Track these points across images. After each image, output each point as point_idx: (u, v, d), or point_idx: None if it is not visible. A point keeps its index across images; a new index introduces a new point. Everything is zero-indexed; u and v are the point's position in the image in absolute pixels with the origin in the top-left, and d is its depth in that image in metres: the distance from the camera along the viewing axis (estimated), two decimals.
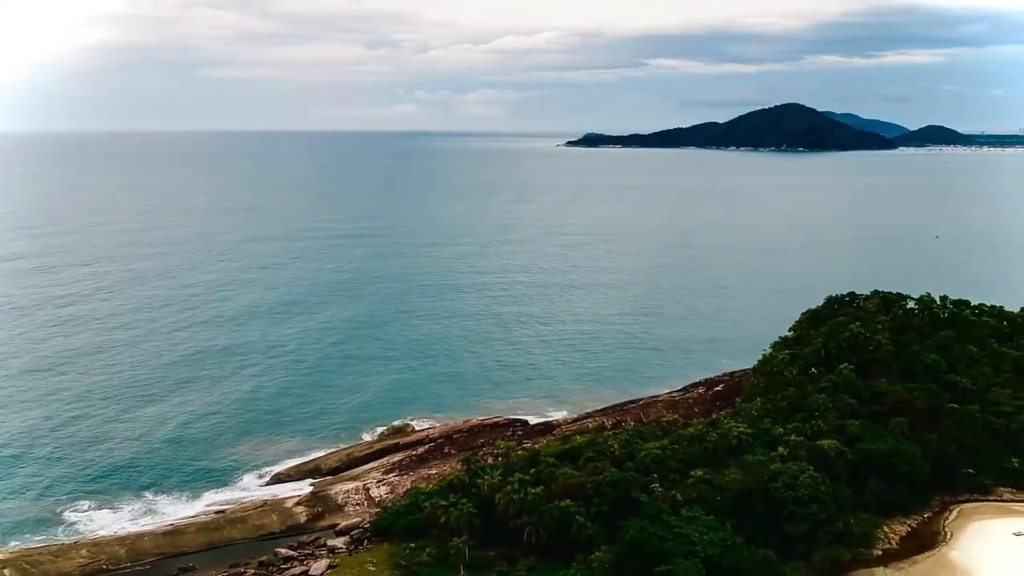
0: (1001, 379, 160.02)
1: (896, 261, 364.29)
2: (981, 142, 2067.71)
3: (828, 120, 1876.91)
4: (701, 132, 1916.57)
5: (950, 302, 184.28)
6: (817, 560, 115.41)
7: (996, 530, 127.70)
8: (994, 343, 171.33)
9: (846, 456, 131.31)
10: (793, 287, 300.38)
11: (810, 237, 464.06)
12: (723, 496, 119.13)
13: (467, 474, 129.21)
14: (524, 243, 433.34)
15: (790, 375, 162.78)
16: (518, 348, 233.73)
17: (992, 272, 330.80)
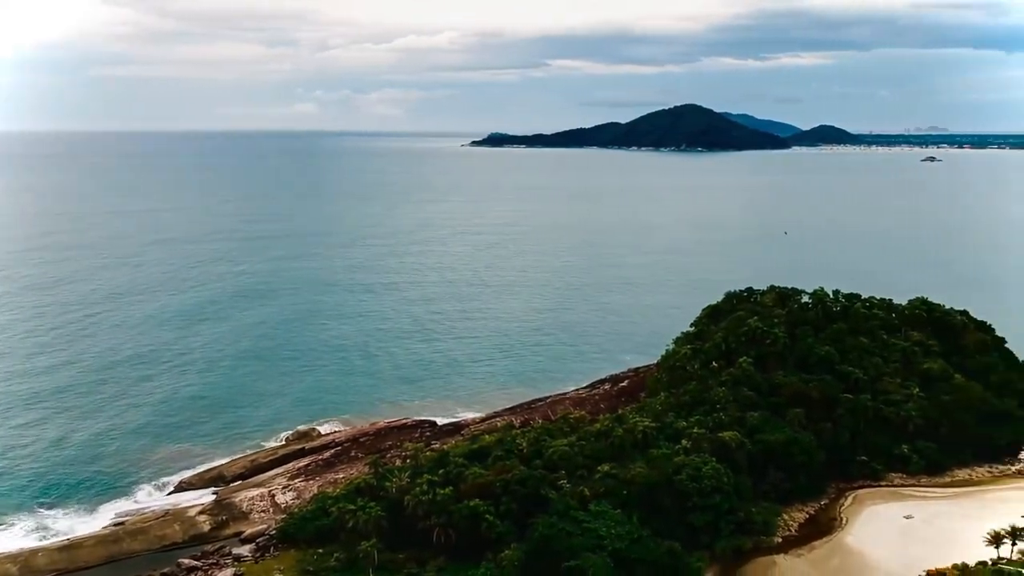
0: (890, 369, 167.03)
1: (790, 256, 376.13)
2: (870, 141, 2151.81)
3: (725, 121, 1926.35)
4: (603, 132, 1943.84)
5: (842, 296, 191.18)
6: (720, 549, 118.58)
7: (888, 514, 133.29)
8: (883, 334, 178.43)
9: (746, 447, 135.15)
10: (695, 283, 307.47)
11: (711, 234, 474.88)
12: (630, 490, 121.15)
13: (375, 477, 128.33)
14: (435, 243, 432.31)
15: (692, 369, 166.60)
16: (426, 349, 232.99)
17: (879, 266, 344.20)
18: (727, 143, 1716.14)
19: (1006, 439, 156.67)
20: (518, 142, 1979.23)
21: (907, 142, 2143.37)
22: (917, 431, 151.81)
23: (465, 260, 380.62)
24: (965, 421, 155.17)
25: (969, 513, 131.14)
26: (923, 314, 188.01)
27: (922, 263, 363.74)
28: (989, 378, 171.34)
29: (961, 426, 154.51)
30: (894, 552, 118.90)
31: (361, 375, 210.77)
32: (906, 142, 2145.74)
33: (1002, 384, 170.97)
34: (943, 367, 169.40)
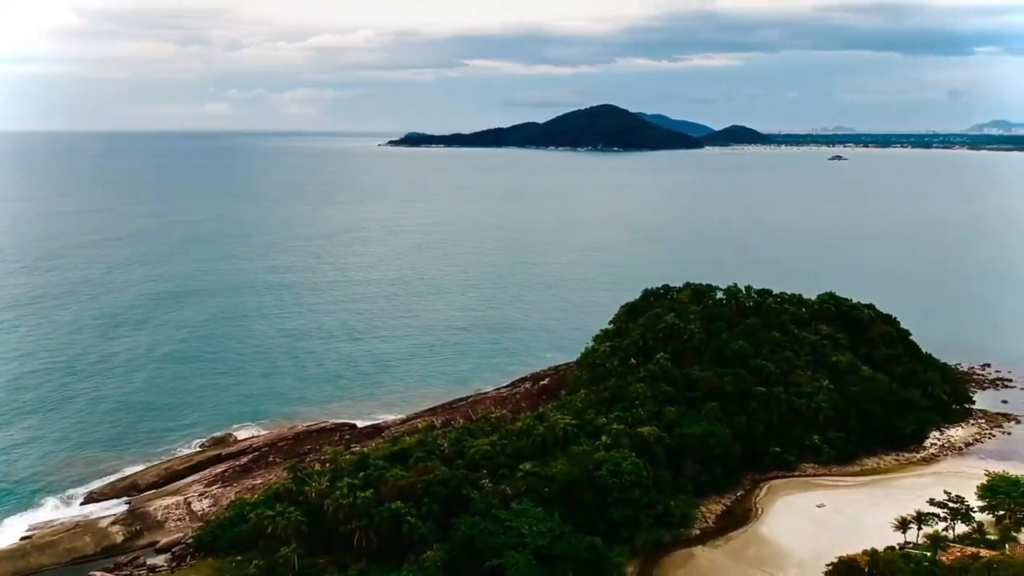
0: (801, 362, 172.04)
1: (705, 253, 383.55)
2: (779, 141, 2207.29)
3: (640, 121, 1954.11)
4: (521, 132, 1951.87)
5: (755, 291, 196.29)
6: (640, 543, 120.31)
7: (801, 503, 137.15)
8: (794, 329, 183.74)
9: (664, 441, 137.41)
10: (614, 281, 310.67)
11: (629, 233, 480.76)
12: (551, 487, 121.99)
13: (294, 482, 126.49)
14: (358, 244, 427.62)
15: (611, 366, 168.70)
16: (347, 350, 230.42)
17: (790, 262, 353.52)
18: (642, 143, 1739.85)
19: (911, 428, 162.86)
20: (436, 142, 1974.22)
21: (815, 141, 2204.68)
22: (827, 422, 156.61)
23: (388, 260, 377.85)
24: (872, 411, 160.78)
25: (878, 500, 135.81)
26: (832, 308, 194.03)
27: (830, 258, 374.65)
28: (895, 369, 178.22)
29: (869, 416, 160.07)
30: (807, 540, 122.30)
31: (279, 378, 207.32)
32: (814, 142, 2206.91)
33: (907, 375, 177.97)
34: (851, 359, 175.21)
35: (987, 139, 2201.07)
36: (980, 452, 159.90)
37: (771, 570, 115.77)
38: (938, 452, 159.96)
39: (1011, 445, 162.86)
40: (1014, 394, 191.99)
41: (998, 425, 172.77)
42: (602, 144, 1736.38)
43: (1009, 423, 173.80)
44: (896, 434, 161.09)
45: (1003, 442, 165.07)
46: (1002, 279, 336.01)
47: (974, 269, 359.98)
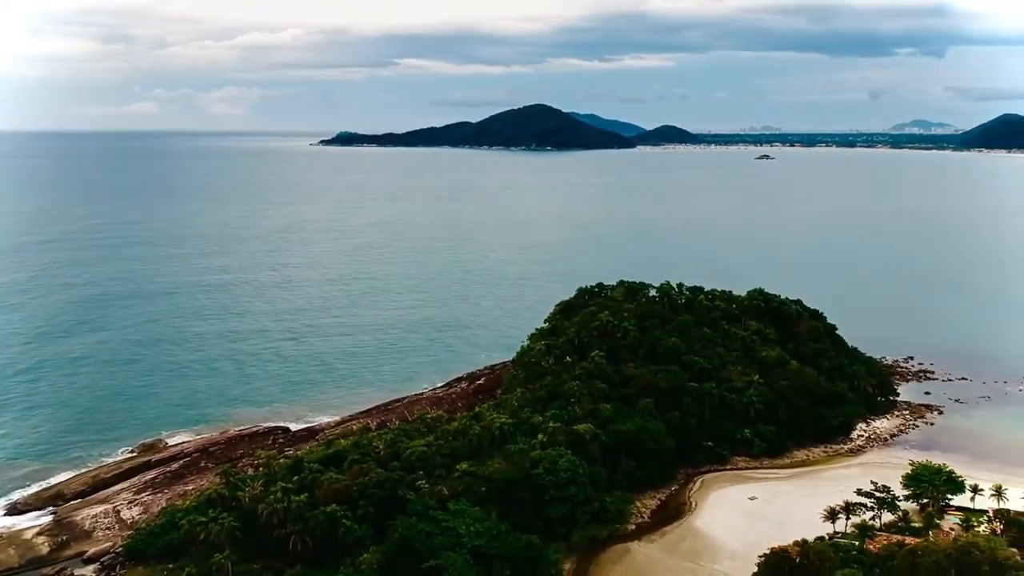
0: (732, 357, 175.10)
1: (638, 251, 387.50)
2: (709, 141, 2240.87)
3: (573, 120, 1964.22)
4: (454, 132, 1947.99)
5: (687, 289, 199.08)
6: (577, 540, 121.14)
7: (733, 496, 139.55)
8: (725, 325, 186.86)
9: (600, 438, 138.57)
10: (548, 280, 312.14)
11: (563, 231, 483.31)
12: (488, 487, 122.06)
13: (226, 487, 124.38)
14: (292, 245, 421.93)
15: (547, 365, 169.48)
16: (280, 353, 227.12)
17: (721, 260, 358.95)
18: (575, 142, 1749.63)
19: (838, 420, 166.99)
20: (369, 142, 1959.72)
21: (743, 141, 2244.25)
22: (758, 416, 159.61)
23: (323, 261, 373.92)
24: (801, 404, 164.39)
25: (807, 491, 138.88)
26: (761, 304, 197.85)
27: (758, 255, 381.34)
28: (822, 363, 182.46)
29: (798, 409, 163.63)
30: (740, 532, 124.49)
31: (212, 382, 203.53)
32: (742, 141, 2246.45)
33: (833, 368, 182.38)
34: (780, 354, 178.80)
35: (908, 138, 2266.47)
36: (904, 443, 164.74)
37: (705, 563, 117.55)
38: (865, 443, 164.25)
39: (933, 435, 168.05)
40: (936, 386, 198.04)
41: (921, 416, 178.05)
42: (535, 144, 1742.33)
43: (931, 414, 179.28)
44: (824, 426, 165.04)
45: (926, 432, 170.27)
46: (923, 274, 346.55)
47: (897, 265, 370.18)
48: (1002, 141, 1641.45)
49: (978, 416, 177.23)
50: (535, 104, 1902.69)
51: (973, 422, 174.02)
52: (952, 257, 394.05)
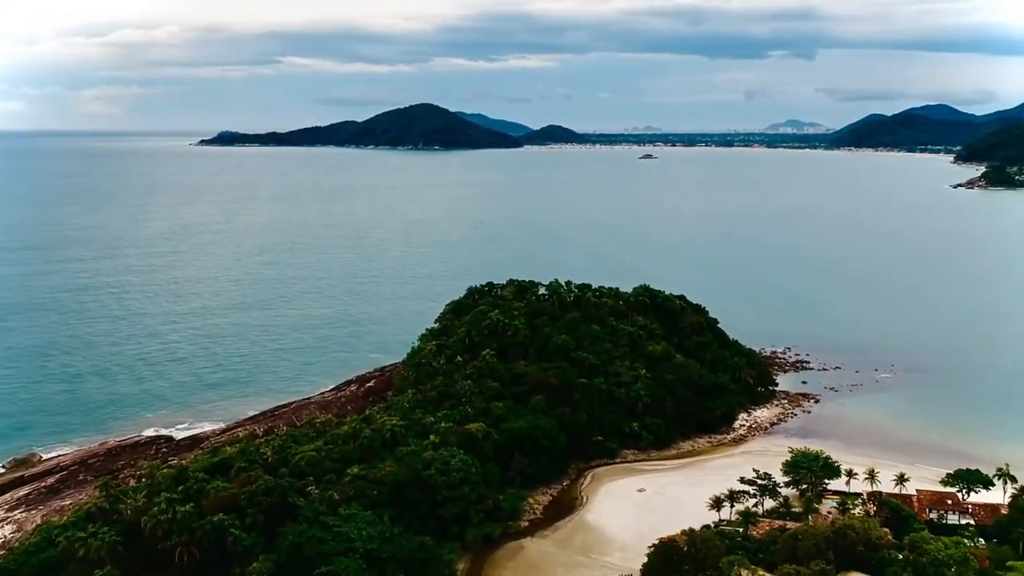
0: (620, 352, 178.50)
1: (528, 250, 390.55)
2: (594, 140, 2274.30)
3: (460, 120, 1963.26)
4: (339, 131, 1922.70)
5: (575, 286, 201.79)
6: (471, 538, 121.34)
7: (623, 489, 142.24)
8: (613, 321, 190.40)
9: (492, 437, 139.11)
10: (438, 280, 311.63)
11: (453, 230, 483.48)
12: (380, 490, 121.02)
13: (107, 500, 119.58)
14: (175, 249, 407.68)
15: (438, 365, 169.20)
16: (160, 360, 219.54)
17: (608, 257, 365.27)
18: (463, 142, 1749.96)
19: (721, 411, 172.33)
20: (251, 141, 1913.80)
21: (627, 141, 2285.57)
22: (646, 409, 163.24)
23: (208, 265, 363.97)
24: (686, 397, 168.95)
25: (694, 481, 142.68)
26: (646, 300, 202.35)
27: (644, 252, 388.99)
28: (705, 356, 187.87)
29: (683, 402, 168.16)
30: (630, 524, 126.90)
31: (89, 392, 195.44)
32: (626, 141, 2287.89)
33: (716, 361, 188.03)
34: (666, 348, 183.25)
35: (782, 138, 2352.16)
36: (784, 431, 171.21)
37: (597, 555, 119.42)
38: (746, 433, 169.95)
39: (811, 423, 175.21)
40: (812, 375, 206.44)
41: (799, 405, 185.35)
42: (423, 143, 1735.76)
43: (808, 402, 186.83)
44: (708, 417, 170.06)
45: (804, 420, 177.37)
46: (799, 268, 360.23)
47: (775, 260, 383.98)
48: (869, 140, 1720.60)
49: (851, 403, 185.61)
50: (421, 103, 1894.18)
51: (847, 409, 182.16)
52: (825, 252, 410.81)
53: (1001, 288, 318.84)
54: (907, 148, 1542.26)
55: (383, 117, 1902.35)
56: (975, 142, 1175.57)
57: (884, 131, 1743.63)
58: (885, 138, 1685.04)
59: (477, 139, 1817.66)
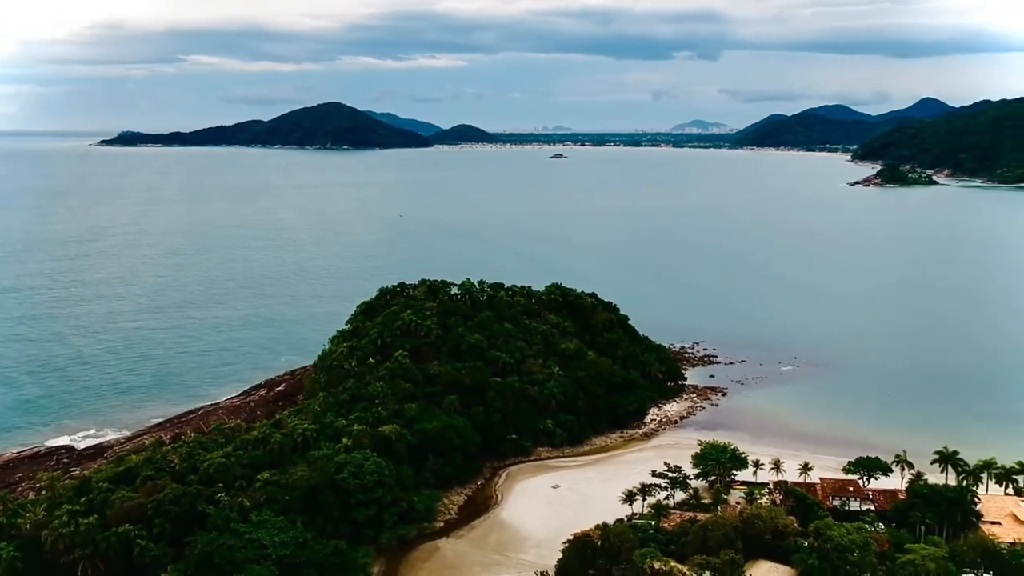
0: (533, 351, 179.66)
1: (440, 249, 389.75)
2: (505, 140, 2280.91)
3: (369, 119, 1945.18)
4: (245, 130, 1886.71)
5: (487, 286, 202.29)
6: (386, 541, 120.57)
7: (537, 486, 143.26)
8: (525, 319, 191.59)
9: (406, 438, 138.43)
10: (349, 281, 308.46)
11: (363, 230, 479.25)
12: (292, 495, 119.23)
13: (4, 514, 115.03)
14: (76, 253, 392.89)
15: (350, 367, 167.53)
16: (61, 366, 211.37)
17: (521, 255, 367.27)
18: (372, 141, 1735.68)
19: (633, 406, 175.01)
20: (154, 141, 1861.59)
21: (537, 140, 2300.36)
22: (559, 406, 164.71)
23: (110, 268, 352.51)
24: (598, 393, 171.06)
25: (607, 476, 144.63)
26: (558, 298, 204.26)
27: (555, 250, 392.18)
28: (616, 352, 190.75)
29: (595, 398, 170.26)
30: (545, 521, 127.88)
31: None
32: (536, 140, 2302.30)
33: (627, 357, 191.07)
34: (578, 346, 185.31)
35: (688, 138, 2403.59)
36: (693, 424, 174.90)
37: (512, 553, 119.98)
38: (657, 427, 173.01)
39: (719, 415, 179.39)
40: (719, 369, 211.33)
41: (707, 398, 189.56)
42: (331, 143, 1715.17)
43: (716, 395, 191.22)
44: (620, 413, 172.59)
45: (712, 413, 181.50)
46: (707, 265, 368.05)
47: (682, 256, 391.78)
48: (771, 139, 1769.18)
49: (757, 396, 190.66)
50: (329, 102, 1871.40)
51: (752, 401, 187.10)
52: (731, 249, 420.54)
53: (897, 282, 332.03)
54: (807, 147, 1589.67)
55: (290, 116, 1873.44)
56: (871, 141, 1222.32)
57: (785, 131, 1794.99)
58: (786, 137, 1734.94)
59: (387, 139, 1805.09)
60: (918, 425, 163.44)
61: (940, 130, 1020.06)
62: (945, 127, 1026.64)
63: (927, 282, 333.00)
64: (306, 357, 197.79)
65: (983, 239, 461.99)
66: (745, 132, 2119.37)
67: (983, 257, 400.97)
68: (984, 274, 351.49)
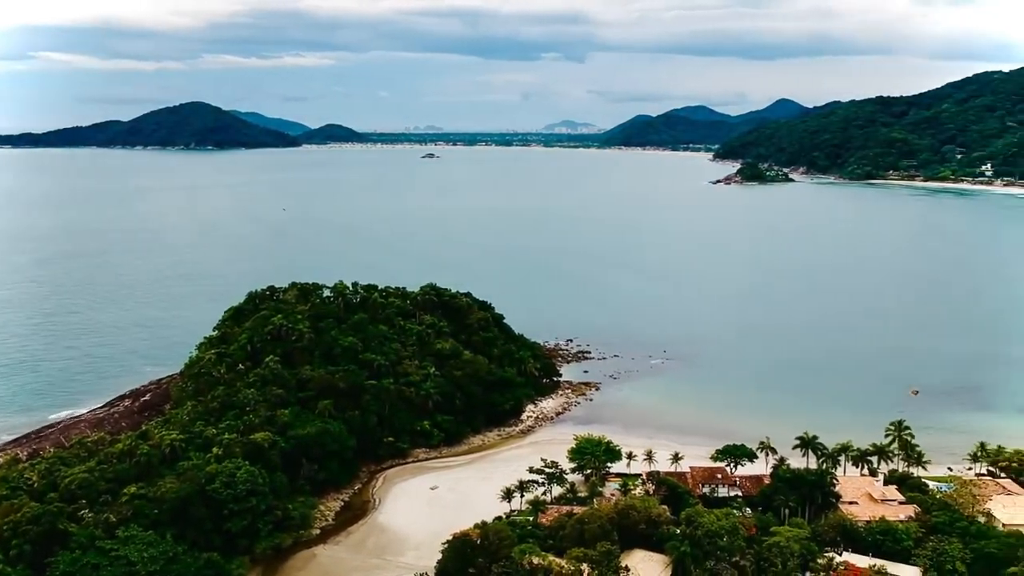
0: (409, 352, 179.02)
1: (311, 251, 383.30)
2: (375, 140, 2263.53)
3: (234, 119, 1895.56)
4: (104, 131, 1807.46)
5: (360, 287, 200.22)
6: (261, 551, 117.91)
7: (415, 488, 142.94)
8: (400, 320, 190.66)
9: (280, 445, 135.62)
10: (216, 286, 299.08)
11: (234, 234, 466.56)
12: (161, 508, 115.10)
13: None
14: None
15: (219, 374, 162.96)
16: None
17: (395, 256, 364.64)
18: (238, 141, 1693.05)
19: (510, 404, 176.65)
20: (3, 142, 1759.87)
21: (408, 140, 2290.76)
22: (436, 407, 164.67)
23: None
24: (475, 392, 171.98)
25: (485, 475, 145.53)
26: (433, 298, 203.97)
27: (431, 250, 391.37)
28: (492, 351, 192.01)
29: (472, 397, 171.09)
30: (424, 522, 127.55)
31: None
32: (408, 140, 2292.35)
33: (503, 355, 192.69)
34: (454, 345, 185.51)
35: (558, 138, 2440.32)
36: (569, 419, 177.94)
37: (391, 557, 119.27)
38: (534, 424, 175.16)
39: (594, 410, 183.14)
40: (593, 364, 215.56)
41: (582, 393, 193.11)
42: (195, 143, 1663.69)
43: (591, 391, 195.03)
44: (497, 411, 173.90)
45: (587, 408, 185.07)
46: (580, 263, 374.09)
47: (554, 254, 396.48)
48: (638, 139, 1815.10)
49: (629, 389, 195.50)
50: (193, 102, 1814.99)
51: (625, 395, 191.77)
52: (600, 247, 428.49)
53: (759, 277, 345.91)
54: (672, 147, 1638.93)
55: (151, 116, 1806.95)
56: (731, 141, 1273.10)
57: (651, 131, 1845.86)
58: (652, 137, 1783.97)
59: (253, 139, 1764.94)
60: (781, 413, 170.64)
61: (795, 130, 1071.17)
62: (800, 127, 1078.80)
63: (787, 276, 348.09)
64: (173, 366, 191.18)
65: (837, 234, 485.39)
66: (613, 132, 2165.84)
67: (838, 250, 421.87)
68: (839, 266, 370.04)
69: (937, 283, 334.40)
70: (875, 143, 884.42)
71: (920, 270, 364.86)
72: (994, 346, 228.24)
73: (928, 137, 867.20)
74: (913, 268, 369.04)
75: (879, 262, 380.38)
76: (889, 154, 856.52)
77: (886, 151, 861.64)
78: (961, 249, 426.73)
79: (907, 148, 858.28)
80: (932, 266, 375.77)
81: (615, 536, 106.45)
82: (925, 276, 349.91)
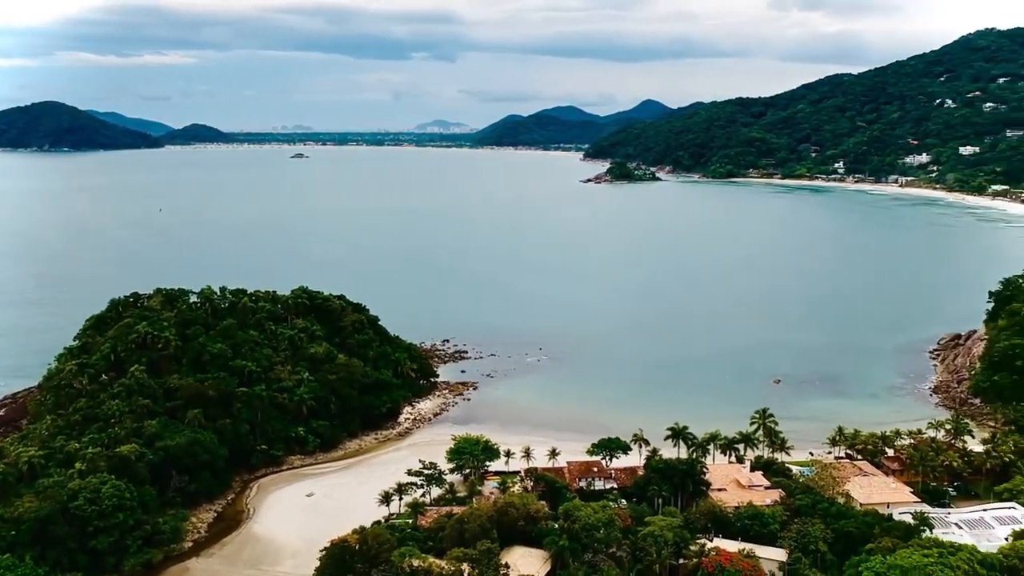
0: (281, 357, 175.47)
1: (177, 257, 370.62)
2: (242, 140, 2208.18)
3: (92, 119, 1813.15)
4: None
5: (229, 292, 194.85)
6: (129, 568, 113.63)
7: (291, 496, 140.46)
8: (272, 325, 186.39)
9: (147, 457, 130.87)
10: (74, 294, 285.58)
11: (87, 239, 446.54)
12: (19, 529, 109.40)
13: None
14: None
15: (80, 386, 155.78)
16: None
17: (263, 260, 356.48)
18: (96, 143, 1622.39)
19: (386, 406, 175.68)
20: None
21: (276, 140, 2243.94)
22: (310, 412, 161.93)
23: None
24: (350, 396, 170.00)
25: (363, 480, 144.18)
26: (306, 302, 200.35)
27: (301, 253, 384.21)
28: (367, 353, 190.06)
29: (348, 400, 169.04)
30: (300, 530, 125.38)
31: None
32: (275, 140, 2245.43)
33: (379, 357, 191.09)
34: (328, 349, 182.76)
35: (430, 137, 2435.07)
36: (447, 419, 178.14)
37: (267, 567, 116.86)
38: (412, 425, 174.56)
39: (471, 409, 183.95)
40: (470, 364, 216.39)
41: (459, 393, 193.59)
42: (50, 144, 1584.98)
43: (468, 390, 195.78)
44: (373, 414, 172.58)
45: (464, 408, 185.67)
46: (453, 261, 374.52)
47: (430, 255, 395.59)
48: (509, 138, 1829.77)
49: (506, 387, 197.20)
50: (46, 101, 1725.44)
51: (502, 393, 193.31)
52: (474, 246, 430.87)
53: (629, 273, 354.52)
54: (543, 147, 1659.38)
55: (1, 116, 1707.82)
56: (600, 141, 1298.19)
57: (522, 131, 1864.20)
58: (524, 137, 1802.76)
59: (112, 139, 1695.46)
60: (653, 406, 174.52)
61: (661, 130, 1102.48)
62: (665, 127, 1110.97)
63: (660, 273, 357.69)
64: (30, 379, 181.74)
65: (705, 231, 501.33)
66: (485, 132, 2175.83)
67: (707, 247, 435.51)
68: (708, 263, 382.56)
69: (798, 276, 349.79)
70: (736, 142, 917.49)
71: (782, 264, 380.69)
72: (849, 337, 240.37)
73: (785, 136, 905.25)
74: (775, 263, 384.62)
75: (745, 259, 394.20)
76: (749, 153, 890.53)
77: (746, 150, 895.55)
78: (819, 244, 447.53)
79: (766, 147, 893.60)
80: (793, 260, 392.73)
81: (495, 534, 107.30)
82: (786, 270, 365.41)
